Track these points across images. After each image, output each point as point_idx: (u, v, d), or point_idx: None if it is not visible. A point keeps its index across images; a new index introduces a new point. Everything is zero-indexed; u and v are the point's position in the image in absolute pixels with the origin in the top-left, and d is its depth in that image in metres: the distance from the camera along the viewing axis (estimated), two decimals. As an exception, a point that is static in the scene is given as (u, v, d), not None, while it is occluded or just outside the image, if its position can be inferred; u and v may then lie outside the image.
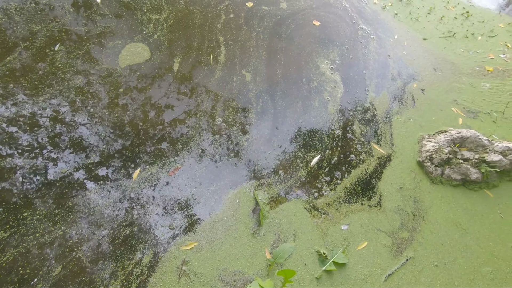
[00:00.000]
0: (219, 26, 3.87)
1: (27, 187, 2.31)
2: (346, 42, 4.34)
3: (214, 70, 3.45)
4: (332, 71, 3.90)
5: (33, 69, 2.85)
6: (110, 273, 2.13)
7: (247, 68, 3.59)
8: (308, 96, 3.56)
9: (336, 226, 2.70)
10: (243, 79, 3.48)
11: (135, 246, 2.27)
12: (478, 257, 2.74)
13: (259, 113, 3.26)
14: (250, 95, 3.37)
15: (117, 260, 2.19)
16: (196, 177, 2.70)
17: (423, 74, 4.35)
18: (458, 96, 4.19)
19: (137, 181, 2.56)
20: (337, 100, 3.62)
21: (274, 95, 3.46)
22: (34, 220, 2.20)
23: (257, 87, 3.46)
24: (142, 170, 2.62)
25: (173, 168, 2.67)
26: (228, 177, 2.77)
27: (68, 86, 2.86)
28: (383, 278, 2.48)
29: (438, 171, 3.16)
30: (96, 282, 2.07)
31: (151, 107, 2.99)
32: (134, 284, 2.12)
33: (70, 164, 2.49)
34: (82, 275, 2.08)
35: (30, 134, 2.54)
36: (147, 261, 2.23)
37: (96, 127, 2.73)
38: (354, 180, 3.01)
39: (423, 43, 4.94)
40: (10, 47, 2.91)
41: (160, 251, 2.29)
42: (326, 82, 3.77)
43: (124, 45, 3.31)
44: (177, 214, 2.49)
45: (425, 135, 3.52)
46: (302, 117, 3.36)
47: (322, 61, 3.96)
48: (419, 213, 2.92)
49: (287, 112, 3.36)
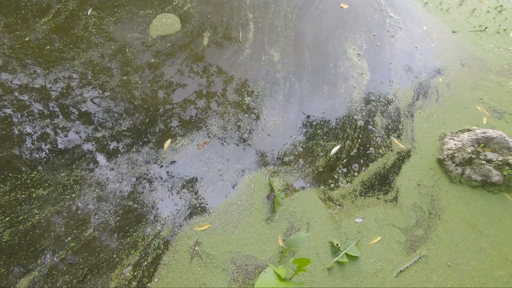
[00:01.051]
0: (248, 3, 3.77)
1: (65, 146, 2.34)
2: (373, 29, 4.16)
3: (242, 47, 3.42)
4: (359, 58, 3.80)
5: (67, 33, 2.91)
6: (132, 242, 2.18)
7: (275, 47, 3.54)
8: (334, 81, 3.49)
9: (350, 218, 2.66)
10: (271, 58, 3.44)
11: (157, 217, 2.28)
12: (492, 260, 2.70)
13: (286, 95, 3.24)
14: (278, 76, 3.33)
15: (138, 230, 2.23)
16: (224, 153, 2.73)
17: (449, 69, 4.16)
18: (484, 94, 4.02)
19: (168, 152, 2.60)
20: (362, 88, 3.54)
21: (301, 78, 3.41)
22: (70, 181, 2.27)
23: (285, 68, 3.42)
24: (173, 141, 2.65)
25: (203, 142, 2.70)
26: (252, 158, 2.78)
27: (102, 53, 2.90)
28: (395, 274, 2.45)
29: (458, 171, 3.06)
30: (119, 250, 2.12)
31: (180, 80, 2.99)
32: (150, 258, 2.13)
33: (105, 128, 2.58)
34: (109, 241, 2.12)
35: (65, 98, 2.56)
36: (165, 234, 2.25)
37: (130, 93, 2.78)
38: (371, 174, 2.94)
39: (452, 36, 4.70)
40: (44, 9, 2.93)
41: (176, 228, 2.29)
42: (353, 68, 3.68)
43: (155, 15, 3.30)
44: (199, 189, 2.51)
45: (447, 133, 3.40)
46: (327, 103, 3.31)
47: (349, 46, 3.85)
48: (435, 211, 2.86)
49: (313, 96, 3.31)
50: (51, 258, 1.98)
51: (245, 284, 2.17)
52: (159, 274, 2.10)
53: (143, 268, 2.09)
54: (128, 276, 2.04)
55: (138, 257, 2.12)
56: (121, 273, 2.04)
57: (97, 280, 1.99)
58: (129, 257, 2.10)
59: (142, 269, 2.09)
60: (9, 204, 2.08)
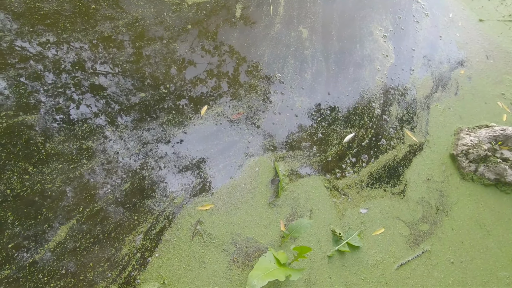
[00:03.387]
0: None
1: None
2: (399, 11, 4.00)
3: (273, 21, 3.44)
4: (385, 40, 3.73)
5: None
6: (148, 211, 2.25)
7: (303, 24, 3.52)
8: (360, 63, 3.46)
9: (354, 208, 2.61)
10: (300, 35, 3.43)
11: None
12: (497, 260, 2.64)
13: (314, 75, 3.24)
14: (306, 53, 3.34)
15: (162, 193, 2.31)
16: (254, 126, 2.80)
17: (473, 61, 3.94)
18: (507, 90, 3.81)
19: (205, 117, 2.71)
20: (385, 72, 3.47)
21: (328, 57, 3.39)
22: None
23: (313, 46, 3.42)
24: (209, 108, 2.74)
25: (237, 112, 2.76)
26: (282, 135, 2.83)
27: (143, 15, 3.01)
28: (395, 267, 2.43)
29: (472, 168, 2.96)
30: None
31: (214, 49, 3.09)
32: (159, 226, 2.18)
33: (149, 92, 2.70)
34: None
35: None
36: (179, 202, 2.32)
37: (168, 58, 2.89)
38: (380, 166, 2.86)
39: (479, 24, 4.43)
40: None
41: (185, 199, 2.31)
42: (378, 50, 3.63)
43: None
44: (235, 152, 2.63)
45: (464, 128, 3.26)
46: (352, 85, 3.29)
47: (376, 28, 3.78)
48: (443, 207, 2.79)
49: (339, 77, 3.30)
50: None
51: (245, 265, 2.18)
52: (160, 249, 2.13)
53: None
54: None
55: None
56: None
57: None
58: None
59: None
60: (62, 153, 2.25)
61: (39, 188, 2.07)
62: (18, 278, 1.82)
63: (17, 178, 2.06)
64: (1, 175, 2.04)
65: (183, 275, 2.08)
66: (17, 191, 2.03)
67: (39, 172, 2.12)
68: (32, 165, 2.13)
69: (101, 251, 2.02)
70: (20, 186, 2.05)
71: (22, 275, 1.83)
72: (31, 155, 2.16)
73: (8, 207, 1.98)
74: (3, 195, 1.99)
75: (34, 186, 2.07)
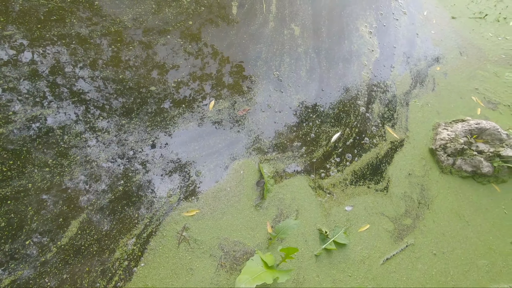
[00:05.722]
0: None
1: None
2: (380, 8, 4.11)
3: (267, 19, 3.49)
4: (371, 35, 3.88)
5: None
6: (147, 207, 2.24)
7: (295, 21, 3.59)
8: (348, 58, 3.58)
9: (340, 206, 2.65)
10: (292, 33, 3.50)
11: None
12: (476, 249, 2.75)
13: (308, 71, 3.31)
14: (300, 51, 3.40)
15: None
16: (260, 123, 2.85)
17: (448, 57, 4.08)
18: (480, 84, 3.98)
19: (213, 111, 2.75)
20: (370, 67, 3.59)
21: (319, 53, 3.47)
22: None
23: (305, 43, 3.49)
24: (216, 103, 2.76)
25: (242, 109, 2.79)
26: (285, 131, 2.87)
27: (145, 10, 2.99)
28: (381, 261, 2.48)
29: (450, 161, 3.06)
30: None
31: (216, 44, 3.11)
32: (146, 233, 2.10)
33: (160, 88, 2.70)
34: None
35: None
36: (164, 210, 2.29)
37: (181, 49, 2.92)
38: (363, 164, 2.91)
39: (452, 22, 4.59)
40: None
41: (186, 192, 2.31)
42: (364, 45, 3.78)
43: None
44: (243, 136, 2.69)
45: (441, 123, 3.38)
46: (342, 81, 3.40)
47: (361, 24, 3.91)
48: (424, 201, 2.87)
49: (331, 73, 3.40)
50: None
51: (233, 270, 2.16)
52: (145, 259, 2.08)
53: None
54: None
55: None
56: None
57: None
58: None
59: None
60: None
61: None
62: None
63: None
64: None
65: (170, 284, 2.03)
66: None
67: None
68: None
69: (85, 263, 1.95)
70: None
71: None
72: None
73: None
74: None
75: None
